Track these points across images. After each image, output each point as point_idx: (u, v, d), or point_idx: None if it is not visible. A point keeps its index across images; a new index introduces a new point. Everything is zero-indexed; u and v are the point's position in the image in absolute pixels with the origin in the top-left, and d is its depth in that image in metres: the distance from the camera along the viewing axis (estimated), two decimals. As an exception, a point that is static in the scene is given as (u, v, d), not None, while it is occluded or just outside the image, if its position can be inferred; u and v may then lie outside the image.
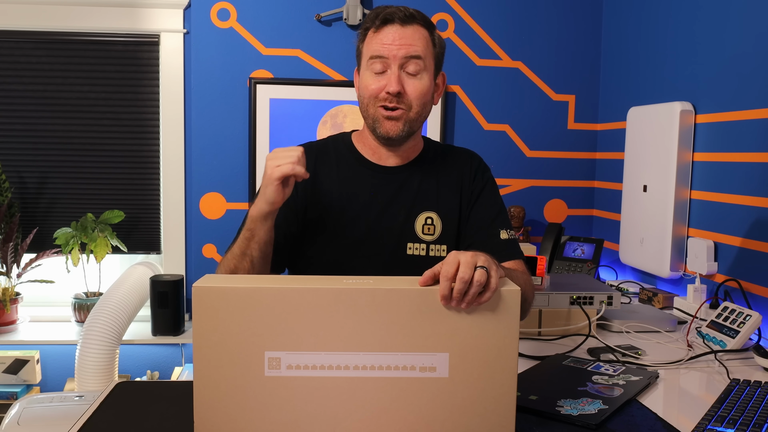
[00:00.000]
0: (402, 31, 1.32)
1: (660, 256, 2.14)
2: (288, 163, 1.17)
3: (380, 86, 1.32)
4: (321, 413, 0.93)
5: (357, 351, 0.92)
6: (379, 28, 1.33)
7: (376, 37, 1.33)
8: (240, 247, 1.24)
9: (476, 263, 0.92)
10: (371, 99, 1.34)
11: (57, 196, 2.69)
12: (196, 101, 2.60)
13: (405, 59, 1.31)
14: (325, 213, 1.38)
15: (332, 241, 1.38)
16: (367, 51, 1.34)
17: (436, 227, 1.40)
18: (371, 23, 1.34)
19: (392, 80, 1.31)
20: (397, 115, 1.32)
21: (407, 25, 1.32)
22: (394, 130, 1.33)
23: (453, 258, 0.94)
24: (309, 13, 2.60)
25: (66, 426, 1.11)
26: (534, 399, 1.20)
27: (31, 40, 2.60)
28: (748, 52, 1.86)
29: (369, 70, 1.34)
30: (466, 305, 0.92)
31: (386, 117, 1.33)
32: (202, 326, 0.91)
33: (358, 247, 1.37)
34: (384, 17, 1.32)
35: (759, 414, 1.11)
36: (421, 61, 1.32)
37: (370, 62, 1.33)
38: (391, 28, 1.32)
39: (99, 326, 2.23)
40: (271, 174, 1.18)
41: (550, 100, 2.73)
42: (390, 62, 1.31)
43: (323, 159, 1.42)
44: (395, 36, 1.31)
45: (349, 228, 1.37)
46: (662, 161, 2.13)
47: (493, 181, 1.46)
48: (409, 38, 1.31)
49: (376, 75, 1.33)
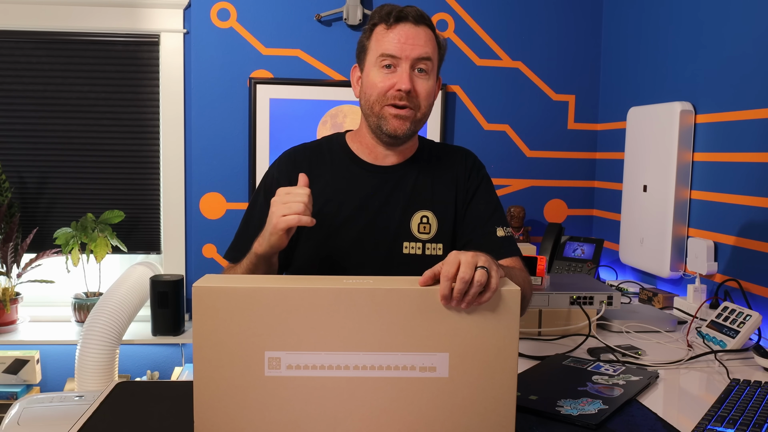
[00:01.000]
0: (415, 31, 1.32)
1: (660, 256, 2.14)
2: (294, 214, 1.16)
3: (390, 84, 1.31)
4: (321, 413, 0.93)
5: (357, 351, 0.92)
6: (391, 25, 1.32)
7: (388, 34, 1.32)
8: (244, 272, 1.27)
9: (477, 263, 0.92)
10: (379, 97, 1.33)
11: (57, 196, 2.69)
12: (196, 101, 2.60)
13: (416, 59, 1.31)
14: (321, 213, 1.37)
15: (328, 241, 1.38)
16: (377, 48, 1.33)
17: (431, 226, 1.40)
18: (382, 20, 1.33)
19: (404, 78, 1.30)
20: (406, 114, 1.32)
21: (419, 25, 1.32)
22: (402, 128, 1.33)
23: (454, 258, 0.94)
24: (309, 13, 2.60)
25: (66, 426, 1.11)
26: (534, 399, 1.20)
27: (31, 40, 2.60)
28: (748, 52, 1.86)
29: (377, 66, 1.33)
30: (466, 305, 0.92)
31: (395, 115, 1.32)
32: (202, 326, 0.91)
33: (354, 246, 1.37)
34: (397, 15, 1.31)
35: (759, 414, 1.11)
36: (430, 62, 1.33)
37: (380, 59, 1.32)
38: (404, 26, 1.31)
39: (99, 326, 2.23)
40: (276, 224, 1.17)
41: (550, 100, 2.73)
42: (401, 61, 1.31)
43: (317, 159, 1.42)
44: (409, 35, 1.31)
45: (345, 228, 1.37)
46: (662, 161, 2.13)
47: (488, 179, 1.46)
48: (422, 38, 1.32)
49: (385, 73, 1.32)
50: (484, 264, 0.92)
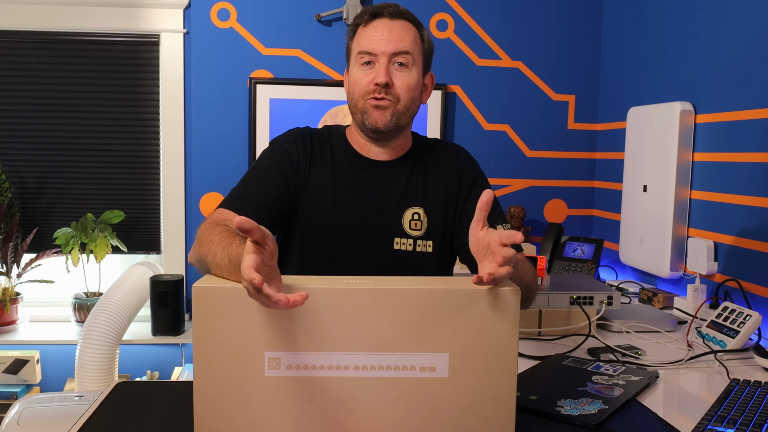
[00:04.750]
0: (390, 25, 1.34)
1: (660, 256, 2.14)
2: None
3: (369, 79, 1.33)
4: (321, 413, 0.93)
5: (357, 351, 0.92)
6: (368, 22, 1.35)
7: (365, 31, 1.35)
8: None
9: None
10: (360, 93, 1.35)
11: (57, 196, 2.68)
12: (196, 101, 2.60)
13: (393, 54, 1.33)
14: (315, 205, 1.38)
15: (320, 235, 1.38)
16: (356, 46, 1.36)
17: (422, 222, 1.40)
18: (360, 19, 1.36)
19: (380, 72, 1.32)
20: (385, 105, 1.33)
21: (396, 19, 1.34)
22: (382, 120, 1.34)
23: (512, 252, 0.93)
24: (309, 13, 2.60)
25: (66, 426, 1.11)
26: (534, 399, 1.20)
27: (31, 40, 2.60)
28: (747, 52, 1.86)
29: (357, 64, 1.36)
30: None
31: (374, 106, 1.33)
32: (202, 326, 0.91)
33: (346, 241, 1.38)
34: (372, 12, 1.35)
35: (759, 414, 1.11)
36: (410, 55, 1.34)
37: (359, 57, 1.35)
38: (379, 22, 1.34)
39: (99, 326, 2.23)
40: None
41: (550, 100, 2.73)
42: (379, 57, 1.33)
43: (321, 147, 1.43)
44: (383, 30, 1.33)
45: (338, 222, 1.38)
46: (662, 161, 2.13)
47: (483, 176, 1.47)
48: (398, 33, 1.33)
49: (364, 69, 1.34)
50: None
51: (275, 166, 1.37)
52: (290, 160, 1.39)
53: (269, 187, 1.35)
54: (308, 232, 1.39)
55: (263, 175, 1.37)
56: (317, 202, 1.38)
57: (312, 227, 1.39)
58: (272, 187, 1.35)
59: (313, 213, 1.38)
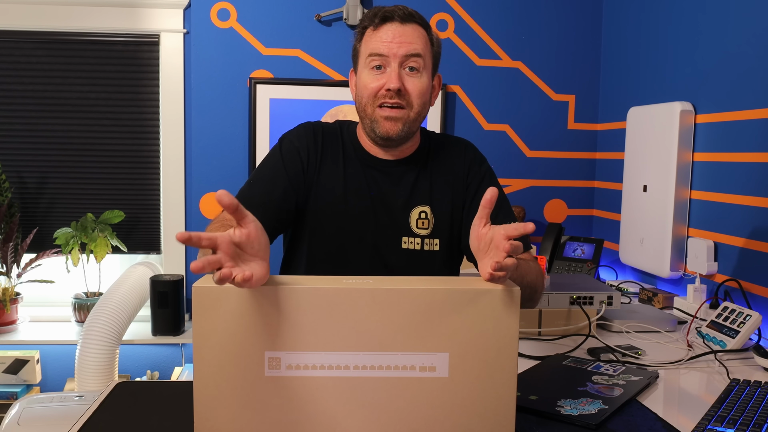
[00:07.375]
0: (402, 29, 1.31)
1: (660, 256, 2.14)
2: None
3: (380, 84, 1.31)
4: (321, 413, 0.93)
5: (357, 351, 0.92)
6: (378, 26, 1.32)
7: (375, 35, 1.32)
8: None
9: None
10: (370, 98, 1.33)
11: (57, 196, 2.69)
12: (196, 101, 2.60)
13: (405, 57, 1.31)
14: (325, 200, 1.38)
15: (329, 230, 1.38)
16: (366, 49, 1.34)
17: (429, 221, 1.40)
18: (369, 21, 1.34)
19: (393, 77, 1.30)
20: (397, 115, 1.31)
21: (406, 23, 1.32)
22: (394, 130, 1.32)
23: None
24: (309, 13, 2.60)
25: (66, 426, 1.11)
26: (534, 399, 1.20)
27: (31, 40, 2.60)
28: (747, 52, 1.86)
29: (367, 68, 1.33)
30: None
31: (386, 117, 1.32)
32: (202, 326, 0.91)
33: (355, 239, 1.38)
34: (383, 15, 1.32)
35: (759, 414, 1.11)
36: (421, 59, 1.32)
37: (369, 60, 1.33)
38: (390, 26, 1.32)
39: (99, 326, 2.23)
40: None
41: (550, 100, 2.73)
42: (390, 60, 1.31)
43: (332, 143, 1.41)
44: (395, 34, 1.31)
45: (347, 218, 1.37)
46: (662, 161, 2.13)
47: (491, 172, 1.46)
48: (409, 36, 1.31)
49: (375, 74, 1.32)
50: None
51: (282, 165, 1.37)
52: (299, 158, 1.38)
53: (276, 186, 1.35)
54: (317, 228, 1.38)
55: (270, 174, 1.37)
56: (327, 198, 1.37)
57: (321, 222, 1.38)
58: (279, 186, 1.34)
59: (323, 208, 1.37)
